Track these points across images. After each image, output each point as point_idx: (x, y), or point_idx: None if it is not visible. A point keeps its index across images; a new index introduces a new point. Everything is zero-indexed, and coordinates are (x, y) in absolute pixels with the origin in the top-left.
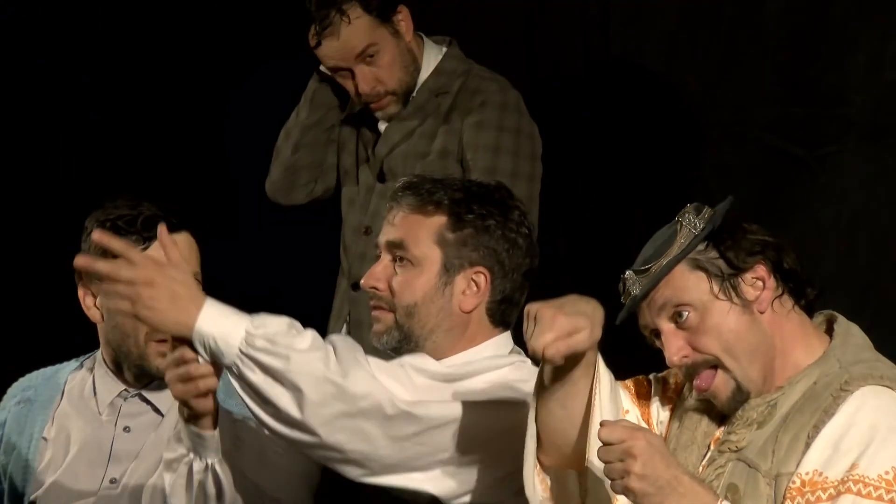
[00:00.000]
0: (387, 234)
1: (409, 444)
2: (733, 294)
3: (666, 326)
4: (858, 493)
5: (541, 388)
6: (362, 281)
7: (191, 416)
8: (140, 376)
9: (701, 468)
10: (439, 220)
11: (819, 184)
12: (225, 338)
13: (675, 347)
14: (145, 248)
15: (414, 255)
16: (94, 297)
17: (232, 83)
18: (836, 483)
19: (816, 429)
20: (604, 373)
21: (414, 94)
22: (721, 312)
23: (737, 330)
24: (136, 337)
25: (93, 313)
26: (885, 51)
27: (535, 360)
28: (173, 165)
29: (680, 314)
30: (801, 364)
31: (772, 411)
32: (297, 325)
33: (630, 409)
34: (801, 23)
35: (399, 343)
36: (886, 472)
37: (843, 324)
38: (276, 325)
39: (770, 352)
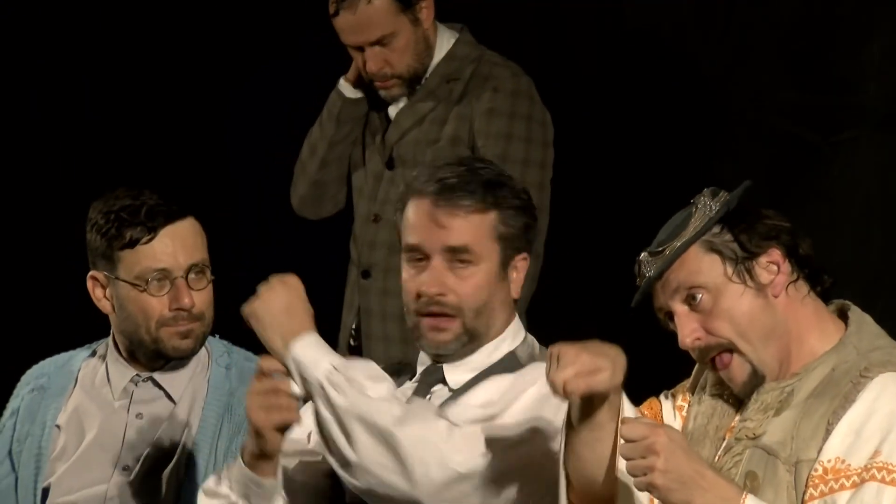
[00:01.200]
0: (444, 240)
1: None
2: (747, 277)
3: (679, 308)
4: (882, 480)
5: (568, 431)
6: (425, 289)
7: (255, 457)
8: (155, 359)
9: (717, 458)
10: (492, 216)
11: (833, 171)
12: (311, 366)
13: (687, 329)
14: (151, 238)
15: (477, 254)
16: (104, 288)
17: (232, 83)
18: (859, 470)
19: (837, 415)
20: (628, 411)
21: (425, 78)
22: (734, 295)
23: (750, 313)
24: (146, 325)
25: (103, 304)
26: None
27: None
28: (173, 165)
29: (693, 297)
30: (817, 350)
31: (788, 398)
32: (380, 373)
33: None
34: (817, 10)
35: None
36: None
37: (856, 311)
38: (359, 369)
39: (785, 336)
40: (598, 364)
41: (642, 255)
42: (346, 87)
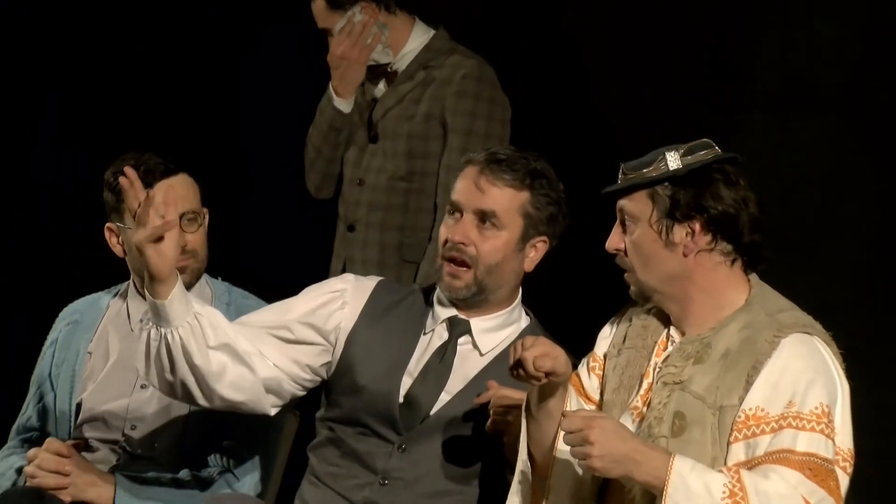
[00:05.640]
0: (479, 202)
1: None
2: (664, 231)
3: (619, 221)
4: (797, 427)
5: (528, 412)
6: (452, 236)
7: (148, 279)
8: None
9: (639, 398)
10: (524, 195)
11: (733, 146)
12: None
13: (614, 240)
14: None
15: (502, 221)
16: (117, 236)
17: (231, 83)
18: (776, 418)
19: (756, 370)
20: (571, 391)
21: (405, 66)
22: (648, 238)
23: (652, 256)
24: None
25: (117, 250)
26: (789, 35)
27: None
28: (184, 132)
29: (626, 221)
30: (727, 307)
31: (706, 349)
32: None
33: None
34: (721, 10)
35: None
36: (816, 408)
37: (755, 277)
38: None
39: (689, 286)
40: (557, 349)
41: (622, 165)
42: (341, 104)
